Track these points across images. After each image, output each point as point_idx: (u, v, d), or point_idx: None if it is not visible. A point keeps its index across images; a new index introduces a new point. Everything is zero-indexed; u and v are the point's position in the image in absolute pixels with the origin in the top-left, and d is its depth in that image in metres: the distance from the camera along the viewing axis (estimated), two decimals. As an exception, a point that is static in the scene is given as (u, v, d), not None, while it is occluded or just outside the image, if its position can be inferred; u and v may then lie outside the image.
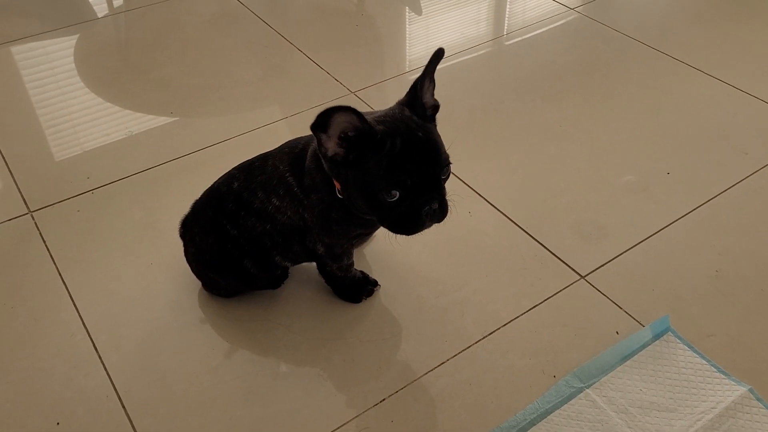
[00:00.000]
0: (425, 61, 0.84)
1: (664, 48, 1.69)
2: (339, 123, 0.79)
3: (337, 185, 0.88)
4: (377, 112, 0.87)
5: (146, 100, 1.58)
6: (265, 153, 1.00)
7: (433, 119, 0.89)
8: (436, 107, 0.90)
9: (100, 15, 1.94)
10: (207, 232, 1.02)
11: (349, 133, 0.80)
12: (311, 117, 0.77)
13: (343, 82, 1.59)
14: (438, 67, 0.85)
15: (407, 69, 1.68)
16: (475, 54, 1.72)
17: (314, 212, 0.93)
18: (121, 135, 1.46)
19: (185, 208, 1.06)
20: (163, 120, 1.52)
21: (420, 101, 0.86)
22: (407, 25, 1.92)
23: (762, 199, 1.26)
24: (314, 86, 1.61)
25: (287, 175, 0.94)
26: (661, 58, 1.66)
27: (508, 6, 1.97)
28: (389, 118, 0.84)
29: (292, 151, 0.96)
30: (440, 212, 0.87)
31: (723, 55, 1.66)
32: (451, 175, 0.88)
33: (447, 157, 0.85)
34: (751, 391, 0.94)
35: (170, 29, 1.86)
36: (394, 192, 0.82)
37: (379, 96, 1.57)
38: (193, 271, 1.09)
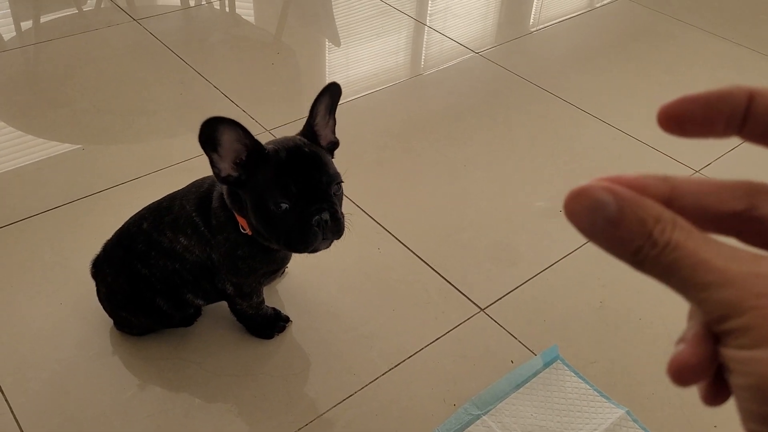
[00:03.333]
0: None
1: (559, 92, 1.83)
2: (228, 142, 0.82)
3: (241, 221, 0.92)
4: None
5: (57, 135, 1.57)
6: (172, 193, 1.03)
7: (331, 155, 0.94)
8: (334, 143, 0.95)
9: (6, 39, 1.91)
10: (118, 272, 1.04)
11: (242, 157, 0.85)
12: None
13: (258, 120, 1.63)
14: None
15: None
16: (388, 89, 1.80)
17: (221, 252, 0.97)
18: (27, 165, 1.45)
19: (97, 247, 1.07)
20: (74, 156, 1.51)
21: (313, 133, 0.92)
22: (327, 56, 1.98)
23: (641, 234, 1.39)
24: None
25: (194, 215, 0.97)
26: (555, 102, 1.80)
27: (412, 46, 2.07)
28: (279, 140, 0.90)
29: (198, 190, 1.00)
30: (334, 225, 0.86)
31: (610, 100, 1.82)
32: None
33: (337, 173, 0.88)
34: (628, 413, 1.05)
35: (83, 62, 1.85)
36: (282, 203, 0.84)
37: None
38: (105, 310, 1.10)
